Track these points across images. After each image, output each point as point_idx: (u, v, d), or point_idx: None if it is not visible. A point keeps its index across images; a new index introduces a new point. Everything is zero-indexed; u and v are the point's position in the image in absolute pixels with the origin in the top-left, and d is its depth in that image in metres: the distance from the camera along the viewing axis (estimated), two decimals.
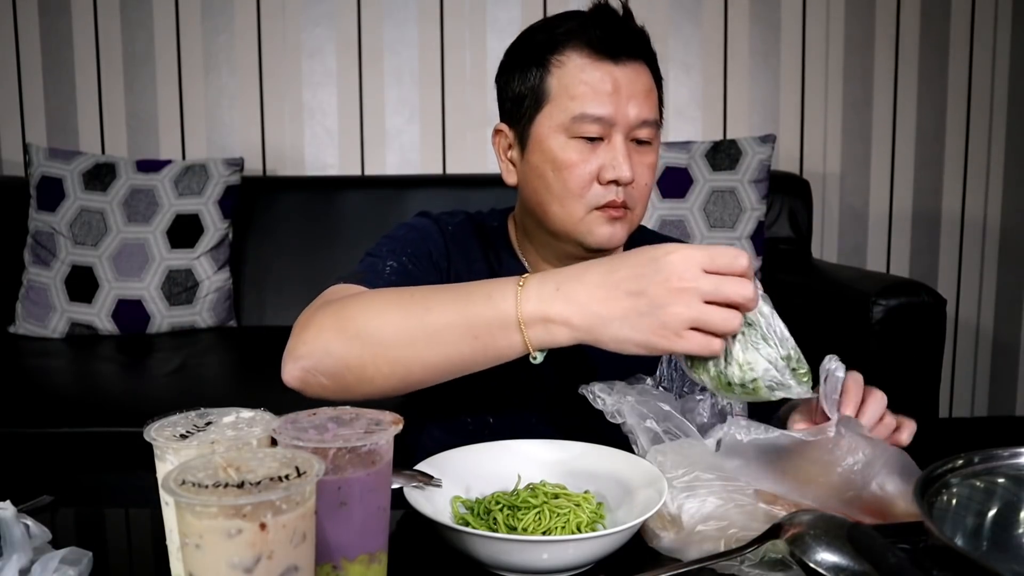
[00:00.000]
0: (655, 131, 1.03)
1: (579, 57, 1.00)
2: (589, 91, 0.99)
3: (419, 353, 0.82)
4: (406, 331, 0.82)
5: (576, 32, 1.01)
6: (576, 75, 1.00)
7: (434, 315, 0.81)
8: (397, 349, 0.82)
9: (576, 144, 1.00)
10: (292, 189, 2.58)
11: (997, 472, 0.70)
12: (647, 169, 1.02)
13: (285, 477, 0.54)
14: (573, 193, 1.00)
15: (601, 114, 0.98)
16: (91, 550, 0.72)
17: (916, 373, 1.96)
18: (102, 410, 1.84)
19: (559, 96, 1.00)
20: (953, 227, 2.87)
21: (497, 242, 1.12)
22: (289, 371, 0.86)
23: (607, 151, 0.99)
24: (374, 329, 0.82)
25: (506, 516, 0.79)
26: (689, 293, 0.72)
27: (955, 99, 2.82)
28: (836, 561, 0.65)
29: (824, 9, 2.76)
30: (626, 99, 0.99)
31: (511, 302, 0.78)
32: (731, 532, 0.75)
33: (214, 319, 2.40)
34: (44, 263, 2.35)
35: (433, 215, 1.13)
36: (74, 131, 2.70)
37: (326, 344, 0.84)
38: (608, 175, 0.99)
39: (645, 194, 1.03)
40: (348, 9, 2.70)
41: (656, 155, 1.04)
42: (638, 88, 1.00)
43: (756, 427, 0.82)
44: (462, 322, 0.80)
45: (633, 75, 1.00)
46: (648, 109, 1.01)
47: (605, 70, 0.99)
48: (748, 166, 2.39)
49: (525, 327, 0.78)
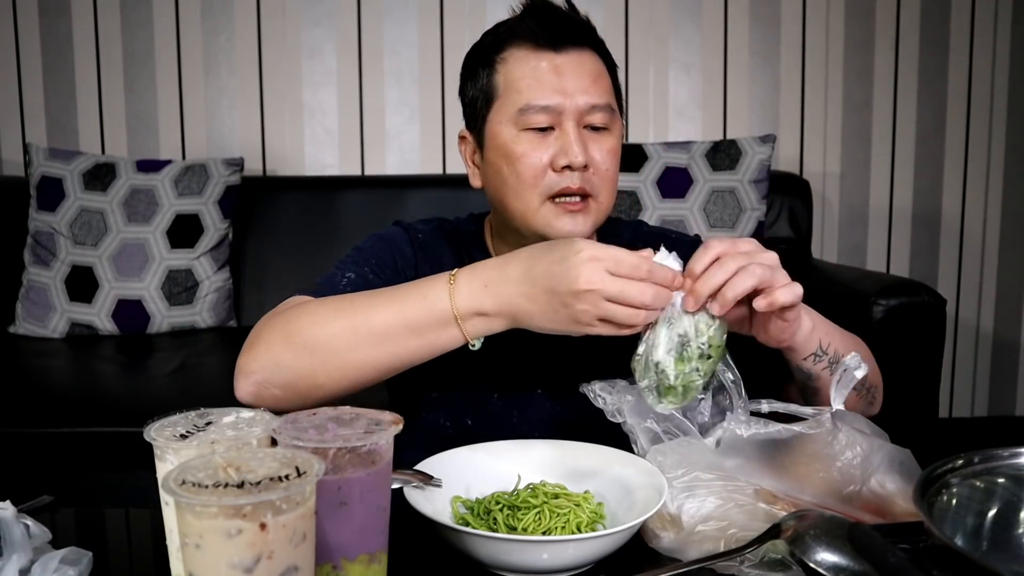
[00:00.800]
0: (610, 116, 1.02)
1: (520, 51, 1.02)
2: (533, 82, 1.00)
3: (366, 355, 0.88)
4: (351, 337, 0.87)
5: (515, 28, 1.03)
6: (519, 68, 1.01)
7: (376, 319, 0.87)
8: (345, 354, 0.88)
9: (527, 135, 1.00)
10: (292, 189, 2.58)
11: (997, 472, 0.70)
12: (607, 154, 1.02)
13: (285, 477, 0.54)
14: (527, 183, 1.00)
15: (547, 103, 0.99)
16: (91, 550, 0.72)
17: (916, 373, 1.96)
18: (102, 410, 1.83)
19: (506, 91, 1.02)
20: (953, 227, 2.87)
21: (471, 245, 1.13)
22: (242, 387, 0.91)
23: (558, 139, 1.00)
24: (321, 338, 0.88)
25: (506, 516, 0.79)
26: (595, 294, 0.79)
27: (955, 99, 2.82)
28: (836, 561, 0.65)
29: (824, 9, 2.76)
30: (572, 86, 0.99)
31: (445, 301, 0.86)
32: (731, 532, 0.75)
33: (214, 319, 2.40)
34: (44, 263, 2.35)
35: (405, 224, 1.15)
36: (74, 131, 2.70)
37: (276, 358, 0.89)
38: (560, 161, 0.99)
39: (608, 180, 1.02)
40: (348, 9, 2.70)
41: (616, 140, 1.03)
42: (583, 74, 1.00)
43: (756, 422, 0.82)
44: (403, 322, 0.87)
45: (576, 62, 1.01)
46: (597, 94, 1.00)
47: (547, 59, 1.00)
48: (748, 166, 2.39)
49: (462, 321, 0.86)
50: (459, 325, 0.86)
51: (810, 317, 0.92)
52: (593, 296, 0.79)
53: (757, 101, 2.78)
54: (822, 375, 0.95)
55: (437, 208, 2.29)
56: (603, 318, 0.80)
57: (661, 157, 2.42)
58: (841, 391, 0.84)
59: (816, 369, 0.95)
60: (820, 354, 0.94)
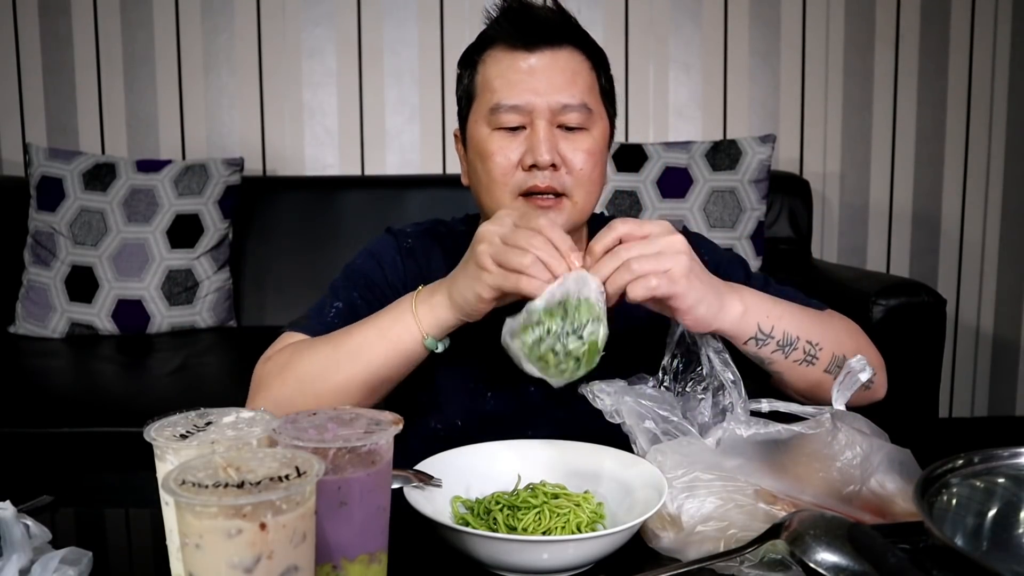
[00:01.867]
0: (586, 116, 1.02)
1: (496, 52, 1.03)
2: (504, 82, 1.01)
3: (348, 372, 0.93)
4: (334, 359, 0.94)
5: (493, 29, 1.04)
6: (494, 68, 1.03)
7: (354, 337, 0.94)
8: (330, 377, 0.94)
9: (498, 134, 1.02)
10: (292, 189, 2.58)
11: (997, 472, 0.70)
12: (581, 154, 1.01)
13: (285, 477, 0.54)
14: (497, 181, 1.02)
15: (515, 103, 1.00)
16: (91, 550, 0.72)
17: (916, 373, 1.96)
18: (102, 410, 1.84)
19: (482, 91, 1.04)
20: (953, 227, 2.87)
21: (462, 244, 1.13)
22: None
23: (528, 138, 1.01)
24: (311, 369, 0.95)
25: (506, 516, 0.79)
26: (492, 233, 0.85)
27: (955, 99, 2.82)
28: (836, 561, 0.65)
29: (824, 9, 2.76)
30: (544, 85, 1.00)
31: (407, 302, 0.93)
32: (731, 532, 0.75)
33: (214, 319, 2.40)
34: (44, 263, 2.35)
35: (396, 230, 1.16)
36: (74, 131, 2.70)
37: (275, 398, 0.95)
38: (528, 160, 1.00)
39: (585, 179, 1.02)
40: (348, 9, 2.70)
41: (595, 140, 1.03)
42: (555, 73, 1.01)
43: (756, 422, 0.82)
44: (375, 331, 0.93)
45: (550, 61, 1.01)
46: (570, 93, 1.00)
47: (519, 59, 1.01)
48: (748, 166, 2.39)
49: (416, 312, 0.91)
50: (414, 315, 0.91)
51: (743, 301, 0.91)
52: (490, 236, 0.84)
53: (757, 101, 2.78)
54: (775, 359, 0.94)
55: (437, 208, 2.28)
56: (497, 260, 0.83)
57: (661, 157, 2.42)
58: (844, 392, 0.84)
59: (764, 353, 0.94)
60: (762, 338, 0.92)
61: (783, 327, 0.94)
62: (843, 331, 1.03)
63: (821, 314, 1.03)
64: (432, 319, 0.91)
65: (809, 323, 0.97)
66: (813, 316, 1.00)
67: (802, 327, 0.95)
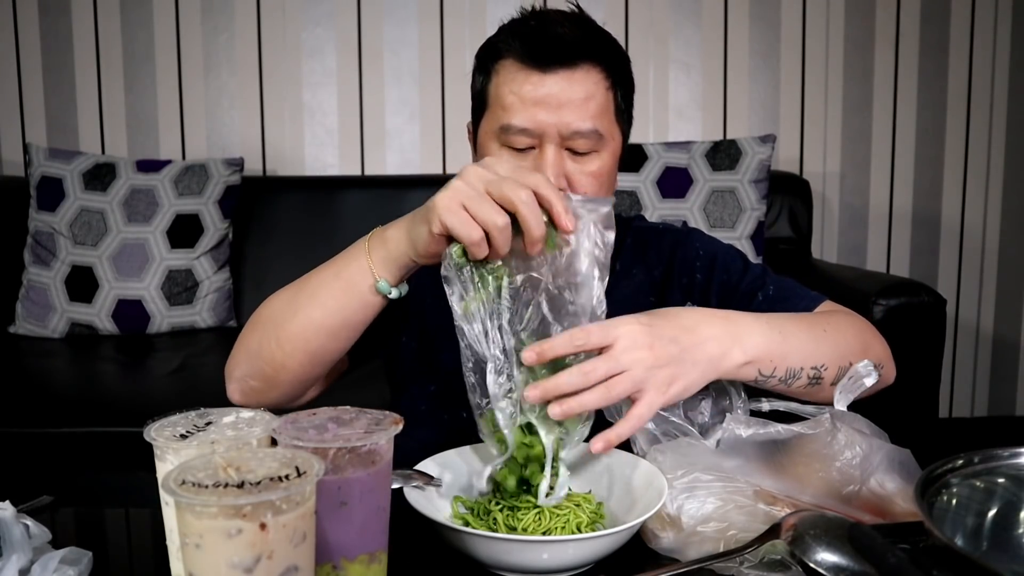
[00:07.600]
0: (595, 140, 0.99)
1: (511, 66, 1.00)
2: (516, 102, 0.98)
3: (306, 314, 0.91)
4: (295, 302, 0.93)
5: (509, 40, 1.00)
6: (506, 85, 1.00)
7: (312, 279, 0.93)
8: (289, 319, 0.92)
9: (507, 151, 1.00)
10: (292, 189, 2.58)
11: (997, 472, 0.70)
12: (587, 177, 1.00)
13: (285, 477, 0.54)
14: None
15: (525, 126, 0.98)
16: (91, 550, 0.72)
17: (916, 373, 1.96)
18: (102, 410, 1.84)
19: (493, 104, 1.01)
20: (953, 227, 2.87)
21: None
22: (230, 389, 0.99)
23: (536, 159, 0.99)
24: (273, 313, 0.94)
25: (506, 516, 0.79)
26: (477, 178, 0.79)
27: (955, 99, 2.82)
28: (836, 561, 0.65)
29: (824, 9, 2.76)
30: (554, 110, 0.97)
31: (362, 246, 0.90)
32: (731, 533, 0.75)
33: (214, 319, 2.40)
34: (44, 263, 2.35)
35: None
36: (74, 131, 2.70)
37: (246, 346, 0.96)
38: None
39: None
40: (348, 9, 2.70)
41: (604, 161, 1.01)
42: (567, 98, 0.97)
43: (756, 422, 0.82)
44: (331, 272, 0.92)
45: (564, 84, 0.97)
46: (581, 119, 0.97)
47: (533, 81, 0.98)
48: (748, 166, 2.39)
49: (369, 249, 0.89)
50: (367, 254, 0.88)
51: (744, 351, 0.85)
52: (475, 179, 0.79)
53: (757, 101, 2.78)
54: (777, 388, 0.91)
55: None
56: (467, 206, 0.77)
57: (661, 157, 2.42)
58: (846, 395, 0.84)
59: (770, 386, 0.91)
60: (762, 379, 0.89)
61: (786, 365, 0.89)
62: (848, 333, 0.98)
63: (824, 322, 0.97)
64: (384, 252, 0.87)
65: (813, 346, 0.91)
66: (817, 334, 0.93)
67: (805, 354, 0.90)
